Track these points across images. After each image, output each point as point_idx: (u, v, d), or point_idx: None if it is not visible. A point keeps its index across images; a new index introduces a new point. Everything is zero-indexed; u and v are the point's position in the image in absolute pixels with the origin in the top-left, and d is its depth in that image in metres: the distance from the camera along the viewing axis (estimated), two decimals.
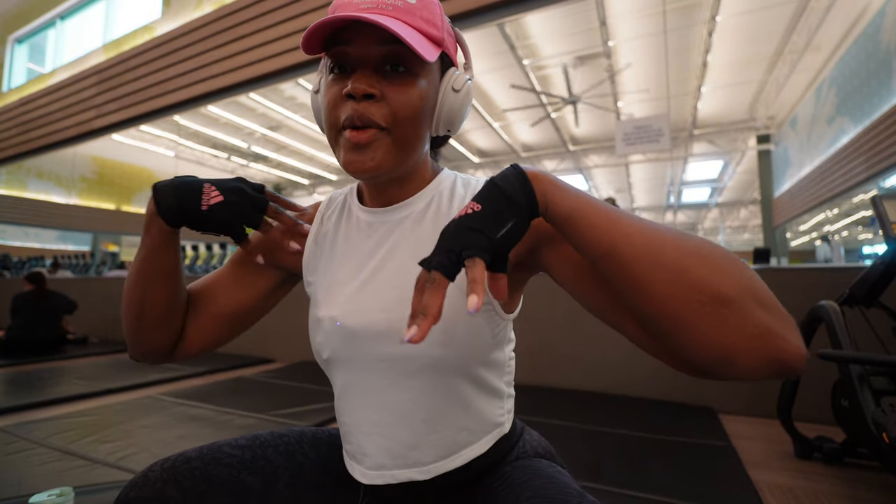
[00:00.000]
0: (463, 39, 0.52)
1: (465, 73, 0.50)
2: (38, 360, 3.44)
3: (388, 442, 0.50)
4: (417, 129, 0.46)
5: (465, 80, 0.49)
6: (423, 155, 0.52)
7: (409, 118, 0.45)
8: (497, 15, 3.26)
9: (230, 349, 3.75)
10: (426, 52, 0.42)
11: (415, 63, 0.45)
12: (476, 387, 0.50)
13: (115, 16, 6.54)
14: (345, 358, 0.51)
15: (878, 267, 1.37)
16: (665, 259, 0.32)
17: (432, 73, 0.47)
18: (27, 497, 1.08)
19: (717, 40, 6.69)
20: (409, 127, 0.45)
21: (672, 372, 2.28)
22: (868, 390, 1.25)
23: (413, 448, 0.49)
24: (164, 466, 0.50)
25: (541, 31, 6.72)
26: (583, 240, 0.35)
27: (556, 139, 10.83)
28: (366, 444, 0.51)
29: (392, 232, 0.51)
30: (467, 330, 0.46)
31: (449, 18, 0.51)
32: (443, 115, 0.48)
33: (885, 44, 5.81)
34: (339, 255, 0.54)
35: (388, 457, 0.50)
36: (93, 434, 1.75)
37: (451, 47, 0.49)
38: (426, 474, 0.50)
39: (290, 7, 4.12)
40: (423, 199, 0.51)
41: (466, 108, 0.50)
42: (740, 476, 1.39)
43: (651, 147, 5.22)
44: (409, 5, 0.44)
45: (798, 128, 9.12)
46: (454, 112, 0.48)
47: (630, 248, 0.33)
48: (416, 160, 0.50)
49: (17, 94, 7.38)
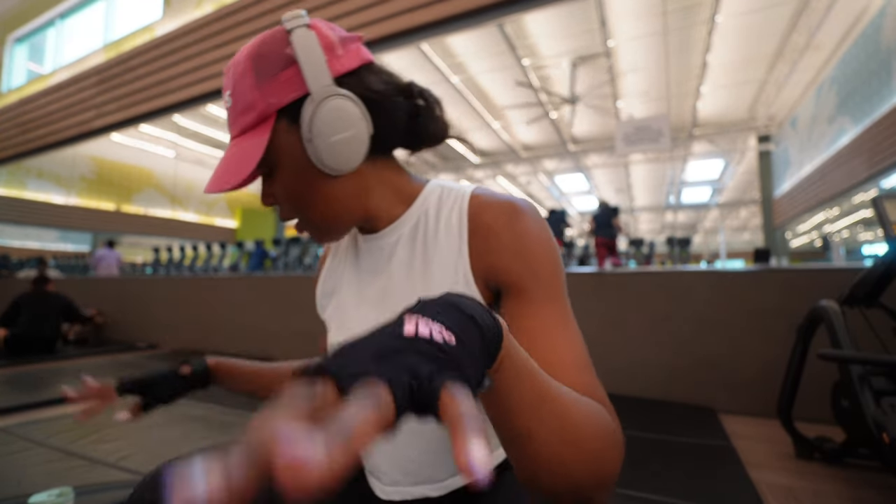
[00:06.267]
0: (314, 48, 0.43)
1: (330, 97, 0.42)
2: (38, 360, 3.44)
3: (400, 459, 0.50)
4: (315, 201, 0.45)
5: (310, 116, 0.42)
6: (382, 181, 0.49)
7: (302, 204, 0.46)
8: (497, 15, 3.26)
9: (230, 349, 3.75)
10: (244, 167, 0.41)
11: (262, 164, 0.45)
12: None
13: (116, 16, 6.54)
14: None
15: (879, 267, 1.37)
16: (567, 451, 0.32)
17: (284, 147, 0.43)
18: (27, 497, 1.08)
19: (717, 40, 6.69)
20: (308, 209, 0.46)
21: (672, 372, 2.29)
22: (868, 390, 1.25)
23: (426, 465, 0.49)
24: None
25: (541, 31, 6.72)
26: (504, 412, 0.31)
27: (555, 139, 10.83)
28: (381, 462, 0.51)
29: (387, 255, 0.50)
30: None
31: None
32: (327, 163, 0.43)
33: (885, 44, 5.81)
34: (346, 281, 0.55)
35: (401, 473, 0.50)
36: (93, 434, 1.74)
37: (284, 94, 0.42)
38: (440, 490, 0.49)
39: (289, 7, 4.12)
40: (411, 218, 0.50)
41: (339, 132, 0.42)
42: (740, 476, 1.39)
43: (651, 147, 5.22)
44: (231, 109, 0.44)
45: (798, 128, 9.12)
46: (327, 151, 0.42)
47: (541, 434, 0.32)
48: (361, 204, 0.48)
49: (16, 95, 7.38)
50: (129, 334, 4.60)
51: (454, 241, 0.46)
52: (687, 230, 20.33)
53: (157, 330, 4.39)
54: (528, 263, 0.43)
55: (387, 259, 0.50)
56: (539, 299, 0.42)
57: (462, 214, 0.46)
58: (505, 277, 0.44)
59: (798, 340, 1.59)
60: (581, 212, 17.50)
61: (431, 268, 0.47)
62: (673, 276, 2.38)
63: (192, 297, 4.22)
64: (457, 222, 0.47)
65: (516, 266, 0.43)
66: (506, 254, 0.44)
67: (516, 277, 0.43)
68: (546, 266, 0.43)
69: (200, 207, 14.11)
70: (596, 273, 2.61)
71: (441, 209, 0.48)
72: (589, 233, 5.65)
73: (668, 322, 2.32)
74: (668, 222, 18.65)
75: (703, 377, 2.21)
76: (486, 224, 0.45)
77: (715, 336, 2.22)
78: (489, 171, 12.79)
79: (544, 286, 0.43)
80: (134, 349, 4.08)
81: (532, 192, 15.35)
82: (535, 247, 0.44)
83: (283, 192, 0.46)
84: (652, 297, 2.38)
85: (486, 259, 0.45)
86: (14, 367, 3.20)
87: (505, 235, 0.44)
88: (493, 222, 0.45)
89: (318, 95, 0.42)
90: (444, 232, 0.47)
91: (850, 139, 6.74)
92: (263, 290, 3.74)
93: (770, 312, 2.10)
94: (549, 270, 0.43)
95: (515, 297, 0.43)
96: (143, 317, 4.54)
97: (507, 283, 0.44)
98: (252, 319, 3.73)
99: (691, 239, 5.37)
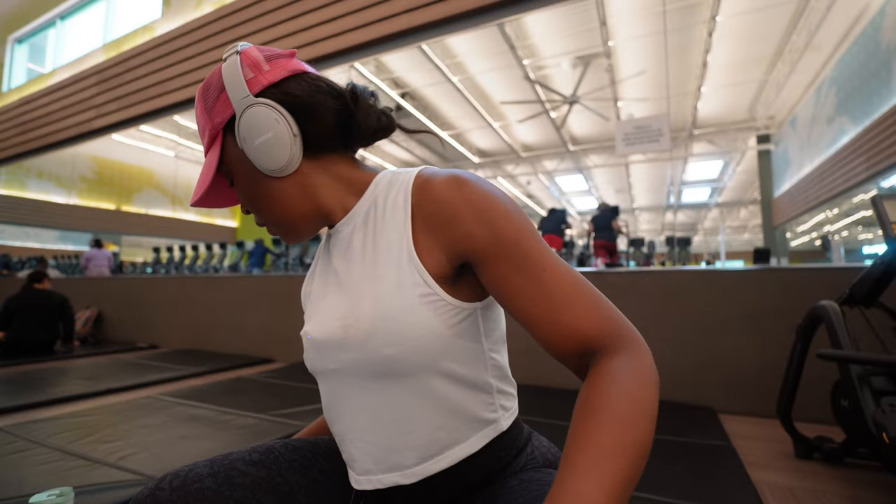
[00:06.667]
0: (235, 70, 0.49)
1: (247, 107, 0.48)
2: (38, 360, 3.44)
3: (368, 446, 0.50)
4: (268, 203, 0.52)
5: (237, 126, 0.49)
6: (331, 177, 0.53)
7: (259, 206, 0.53)
8: (497, 15, 3.26)
9: (230, 349, 3.76)
10: (205, 178, 0.50)
11: (227, 174, 0.53)
12: (446, 382, 0.48)
13: (115, 16, 6.54)
14: (319, 369, 0.53)
15: (878, 267, 1.37)
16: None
17: (233, 159, 0.51)
18: (27, 497, 1.08)
19: (717, 40, 6.69)
20: (265, 211, 0.53)
21: (672, 372, 2.29)
22: (868, 390, 1.25)
23: (392, 451, 0.49)
24: (173, 485, 0.48)
25: (541, 31, 6.72)
26: None
27: (555, 139, 10.83)
28: (353, 451, 0.51)
29: (346, 244, 0.52)
30: (413, 323, 0.45)
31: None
32: (262, 165, 0.49)
33: (885, 44, 5.81)
34: (318, 275, 0.58)
35: (372, 461, 0.50)
36: (93, 434, 1.74)
37: (222, 114, 0.50)
38: (410, 478, 0.49)
39: (290, 7, 4.13)
40: (364, 206, 0.52)
41: (260, 135, 0.47)
42: (740, 476, 1.39)
43: (651, 147, 5.22)
44: (198, 129, 0.53)
45: (798, 128, 9.12)
46: (256, 153, 0.48)
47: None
48: (312, 200, 0.52)
49: (17, 94, 7.38)
50: (129, 334, 4.60)
51: (399, 219, 0.48)
52: (687, 230, 20.34)
53: (157, 330, 4.40)
54: (487, 225, 0.44)
55: (345, 248, 0.52)
56: (510, 254, 0.43)
57: (407, 193, 0.48)
58: (470, 245, 0.44)
59: (798, 340, 1.59)
60: (581, 212, 17.50)
61: (379, 248, 0.49)
62: (673, 276, 2.38)
63: (192, 297, 4.22)
64: (402, 202, 0.48)
65: (477, 231, 0.44)
66: (463, 222, 0.44)
67: (480, 244, 0.44)
68: (505, 222, 0.44)
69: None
70: (596, 273, 2.61)
71: (389, 193, 0.50)
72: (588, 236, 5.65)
73: (667, 322, 2.33)
74: (668, 222, 18.65)
75: (703, 377, 2.21)
76: (435, 199, 0.46)
77: (715, 336, 2.22)
78: (489, 171, 12.78)
79: (510, 242, 0.43)
80: (134, 349, 4.08)
81: (532, 192, 15.35)
82: (489, 207, 0.44)
83: (243, 197, 0.53)
84: (652, 297, 2.38)
85: (446, 232, 0.45)
86: (14, 367, 3.20)
87: (457, 206, 0.45)
88: (442, 195, 0.46)
89: (239, 108, 0.48)
90: (390, 212, 0.49)
91: (849, 139, 6.74)
92: (263, 290, 3.75)
93: (770, 312, 2.10)
94: (510, 225, 0.44)
95: (488, 262, 0.44)
96: (143, 317, 4.54)
97: (474, 250, 0.44)
98: (252, 319, 3.73)
99: (691, 239, 5.36)
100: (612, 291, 2.49)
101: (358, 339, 0.46)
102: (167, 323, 4.36)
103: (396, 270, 0.46)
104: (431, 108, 9.17)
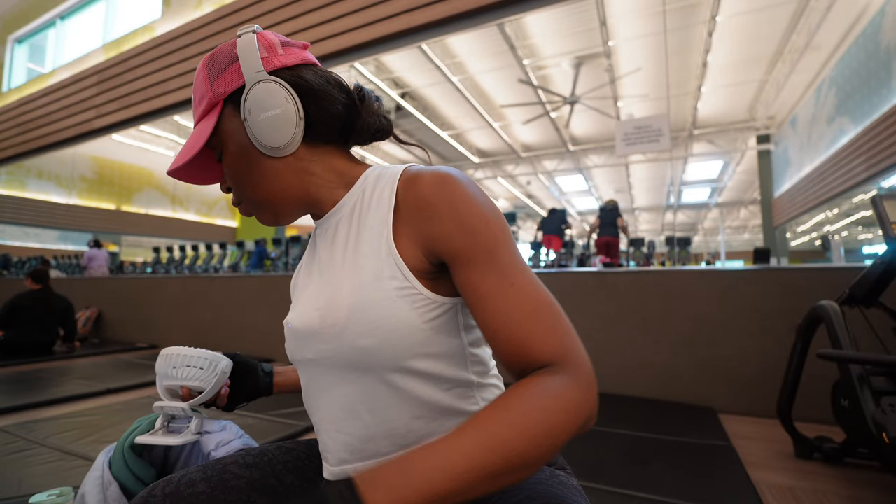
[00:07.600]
0: (252, 46, 0.50)
1: (260, 81, 0.49)
2: (38, 360, 3.44)
3: (344, 437, 0.50)
4: (257, 180, 0.51)
5: (244, 98, 0.49)
6: (325, 166, 0.53)
7: (244, 181, 0.52)
8: (497, 15, 3.26)
9: (230, 349, 3.75)
10: (195, 145, 0.49)
11: (216, 147, 0.52)
12: (422, 375, 0.47)
13: (115, 16, 6.53)
14: (298, 358, 0.53)
15: (878, 267, 1.38)
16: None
17: (229, 130, 0.51)
18: (27, 497, 1.08)
19: (717, 40, 6.69)
20: (250, 188, 0.52)
21: (672, 372, 2.29)
22: (868, 390, 1.25)
23: (368, 440, 0.49)
24: (165, 491, 0.48)
25: (541, 31, 6.72)
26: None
27: (555, 139, 10.83)
28: (328, 442, 0.51)
29: (331, 236, 0.53)
30: (389, 315, 0.45)
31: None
32: (262, 141, 0.49)
33: (885, 44, 5.81)
34: (304, 266, 0.58)
35: (347, 451, 0.50)
36: (93, 434, 1.74)
37: (228, 84, 0.50)
38: None
39: (290, 7, 4.13)
40: (351, 199, 0.52)
41: (267, 109, 0.48)
42: (740, 476, 1.39)
43: (651, 147, 5.22)
44: (193, 103, 0.53)
45: (798, 128, 9.12)
46: (259, 127, 0.48)
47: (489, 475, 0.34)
48: (301, 185, 0.52)
49: (16, 94, 7.38)
50: (129, 334, 4.60)
51: (383, 212, 0.48)
52: (687, 230, 20.34)
53: (157, 330, 4.40)
54: (465, 228, 0.44)
55: (331, 239, 0.53)
56: (482, 262, 0.43)
57: (393, 187, 0.49)
58: (445, 245, 0.45)
59: (798, 340, 1.59)
60: (581, 212, 17.50)
61: (361, 240, 0.49)
62: (673, 276, 2.38)
63: (192, 298, 4.22)
64: (388, 195, 0.49)
65: (453, 233, 0.44)
66: (441, 222, 0.44)
67: (457, 245, 0.44)
68: (483, 228, 0.44)
69: (201, 207, 14.10)
70: (596, 273, 2.61)
71: (377, 187, 0.51)
72: (591, 229, 5.64)
73: (668, 322, 2.33)
74: (668, 222, 18.65)
75: (703, 377, 2.21)
76: (418, 195, 0.46)
77: (715, 336, 2.22)
78: (489, 171, 12.78)
79: (485, 249, 0.44)
80: (134, 349, 4.08)
81: (532, 192, 15.35)
82: (469, 211, 0.44)
83: (229, 172, 0.52)
84: (652, 297, 2.38)
85: (424, 229, 0.46)
86: (14, 367, 3.20)
87: (438, 204, 0.45)
88: (425, 192, 0.46)
89: (251, 81, 0.48)
90: (375, 205, 0.49)
91: (849, 139, 6.73)
92: (263, 290, 3.75)
93: (770, 312, 2.10)
94: (488, 232, 0.44)
95: (461, 264, 0.44)
96: (143, 317, 4.54)
97: (449, 250, 0.45)
98: (252, 319, 3.73)
99: (691, 239, 5.36)
100: (611, 291, 2.49)
101: (334, 330, 0.47)
102: (167, 323, 4.36)
103: (375, 262, 0.47)
104: (431, 108, 9.17)
